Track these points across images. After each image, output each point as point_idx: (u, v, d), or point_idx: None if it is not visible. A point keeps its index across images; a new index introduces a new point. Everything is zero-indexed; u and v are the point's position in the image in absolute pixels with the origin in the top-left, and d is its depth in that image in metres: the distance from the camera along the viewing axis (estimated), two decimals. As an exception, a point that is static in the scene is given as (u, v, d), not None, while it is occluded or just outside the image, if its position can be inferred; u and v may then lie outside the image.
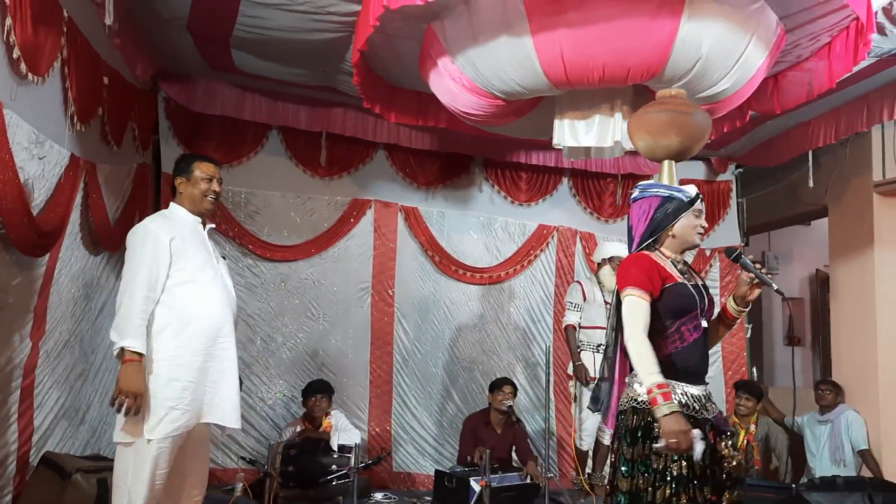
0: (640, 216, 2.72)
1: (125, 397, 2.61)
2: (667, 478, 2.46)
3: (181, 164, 3.09)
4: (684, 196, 2.69)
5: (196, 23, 4.10)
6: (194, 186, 3.02)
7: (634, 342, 2.52)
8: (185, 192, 3.03)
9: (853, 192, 6.10)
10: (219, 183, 3.09)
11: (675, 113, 3.02)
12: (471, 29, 3.39)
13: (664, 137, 3.01)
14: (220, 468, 5.08)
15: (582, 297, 5.19)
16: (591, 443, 5.06)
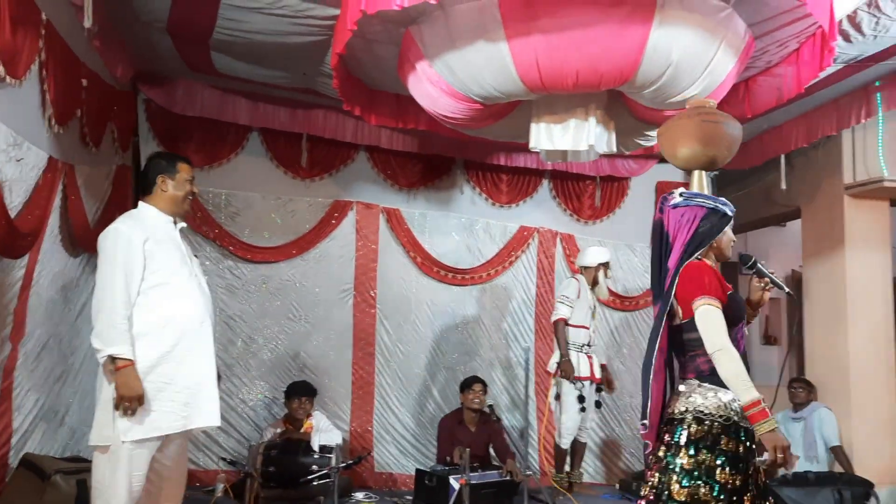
0: (682, 224, 2.68)
1: (128, 402, 2.62)
2: (728, 488, 2.47)
3: (163, 163, 3.02)
4: (729, 210, 2.70)
5: (176, 25, 4.12)
6: (179, 187, 2.98)
7: (727, 352, 2.49)
8: (167, 191, 2.97)
9: (825, 194, 6.23)
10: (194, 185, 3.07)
11: (724, 124, 3.05)
12: (448, 34, 3.44)
13: (713, 147, 3.04)
14: (201, 469, 5.10)
15: (576, 294, 5.21)
16: (571, 441, 5.13)
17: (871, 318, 5.97)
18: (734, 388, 2.50)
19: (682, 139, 3.11)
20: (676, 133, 3.15)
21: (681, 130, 3.14)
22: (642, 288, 6.40)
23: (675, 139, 3.15)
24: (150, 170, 3.02)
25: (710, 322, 2.53)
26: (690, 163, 3.14)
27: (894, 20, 3.87)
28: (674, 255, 2.67)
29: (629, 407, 6.23)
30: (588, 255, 5.39)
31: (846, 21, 3.89)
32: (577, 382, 5.01)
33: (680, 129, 3.15)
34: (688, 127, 3.10)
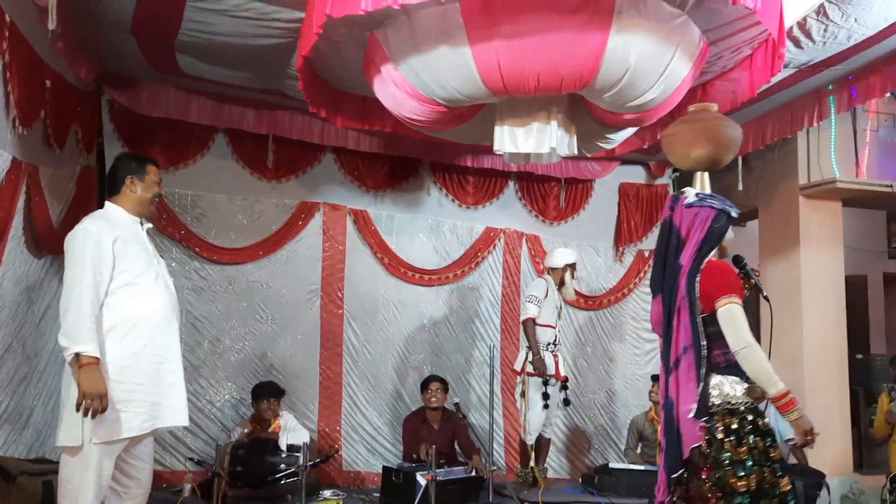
0: (696, 224, 2.81)
1: (90, 400, 2.61)
2: (782, 463, 2.70)
3: (132, 164, 3.04)
4: (735, 211, 2.85)
5: (140, 26, 4.11)
6: (147, 189, 3.00)
7: (753, 348, 2.70)
8: (135, 192, 2.99)
9: (781, 195, 6.45)
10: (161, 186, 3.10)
11: (731, 127, 3.18)
12: (412, 38, 3.51)
13: (724, 149, 3.15)
14: (168, 470, 5.10)
15: (545, 294, 5.31)
16: (536, 437, 5.23)
17: (824, 314, 6.20)
18: (762, 382, 2.71)
19: (696, 141, 3.16)
20: (689, 136, 3.21)
21: (693, 133, 3.19)
22: (606, 287, 6.54)
23: (689, 141, 3.19)
24: (118, 170, 3.03)
25: (735, 319, 2.71)
26: (701, 164, 3.18)
27: (842, 27, 4.04)
28: (687, 253, 2.80)
29: (593, 404, 6.37)
30: (556, 257, 5.50)
31: (796, 28, 4.06)
32: (551, 380, 5.13)
33: (692, 131, 3.21)
34: (701, 130, 3.17)
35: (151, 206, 3.05)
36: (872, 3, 3.82)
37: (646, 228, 6.60)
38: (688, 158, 3.20)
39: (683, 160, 3.26)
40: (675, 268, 2.83)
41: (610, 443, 6.35)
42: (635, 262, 6.59)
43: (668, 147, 3.33)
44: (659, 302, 2.94)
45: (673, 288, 2.83)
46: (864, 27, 4.06)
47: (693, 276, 2.77)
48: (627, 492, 4.91)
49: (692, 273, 2.77)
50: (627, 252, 6.61)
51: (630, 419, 5.93)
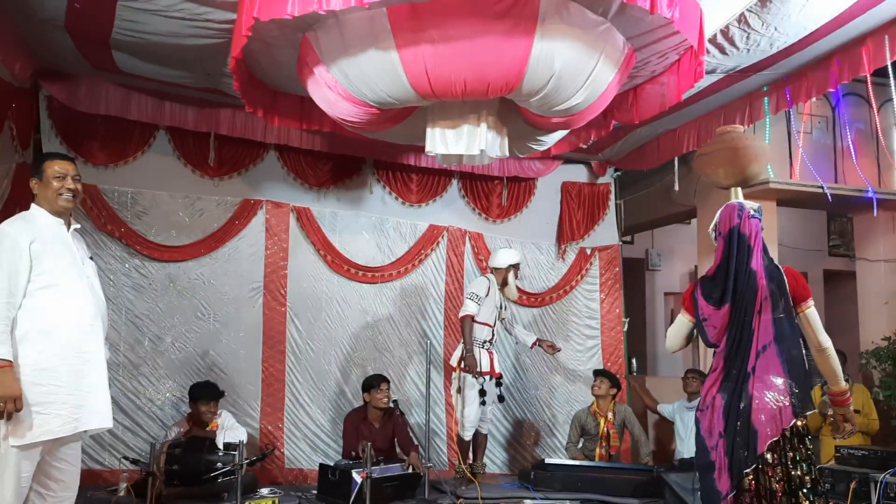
0: (758, 233, 3.19)
1: (3, 403, 2.62)
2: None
3: (33, 166, 3.07)
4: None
5: (73, 24, 4.09)
6: (46, 187, 2.99)
7: (832, 348, 3.12)
8: (39, 193, 3.00)
9: (717, 195, 6.51)
10: (75, 180, 3.04)
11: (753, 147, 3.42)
12: (342, 41, 3.55)
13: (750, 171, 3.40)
14: (106, 469, 5.07)
15: (486, 293, 5.36)
16: (472, 433, 5.33)
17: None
18: (834, 379, 3.11)
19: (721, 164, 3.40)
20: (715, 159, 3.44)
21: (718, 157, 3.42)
22: (549, 285, 6.65)
23: (716, 164, 3.43)
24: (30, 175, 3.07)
25: (818, 321, 3.10)
26: (731, 182, 3.42)
27: (763, 35, 4.19)
28: (757, 259, 3.10)
29: (534, 399, 6.48)
30: (499, 257, 5.57)
31: (720, 35, 4.19)
32: (479, 377, 5.20)
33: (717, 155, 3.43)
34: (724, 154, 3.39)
35: (60, 202, 3.00)
36: (790, 13, 3.96)
37: (587, 226, 6.74)
38: (719, 178, 3.45)
39: (715, 180, 3.49)
40: (750, 273, 3.08)
41: (552, 438, 6.47)
42: (577, 260, 6.72)
43: (700, 169, 3.58)
44: (726, 311, 3.10)
45: (748, 291, 3.06)
46: (785, 35, 4.21)
47: (780, 276, 3.09)
48: (563, 486, 5.03)
49: (776, 274, 3.09)
50: (570, 250, 6.74)
51: (572, 414, 6.06)
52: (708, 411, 3.08)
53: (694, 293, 3.25)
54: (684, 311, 3.33)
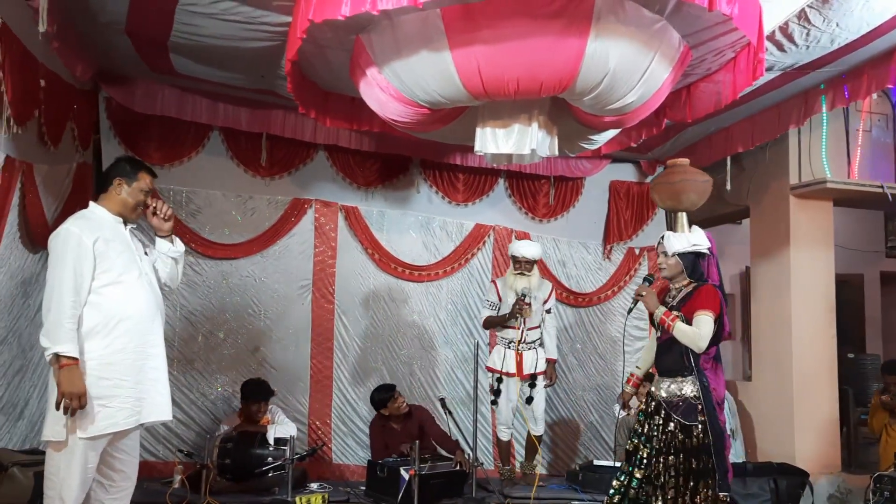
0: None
1: (70, 399, 2.70)
2: None
3: (126, 166, 3.13)
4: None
5: (134, 28, 4.19)
6: (133, 195, 3.09)
7: None
8: (119, 193, 3.07)
9: (772, 195, 6.47)
10: (152, 196, 3.19)
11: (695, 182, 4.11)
12: (395, 42, 3.57)
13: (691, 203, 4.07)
14: (161, 461, 5.21)
15: (497, 297, 5.41)
16: (509, 433, 5.34)
17: (814, 314, 6.22)
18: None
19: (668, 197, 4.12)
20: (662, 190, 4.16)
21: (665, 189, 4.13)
22: (595, 285, 6.59)
23: (663, 197, 4.17)
24: (111, 170, 3.14)
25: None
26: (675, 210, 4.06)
27: (824, 31, 4.07)
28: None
29: (582, 401, 6.43)
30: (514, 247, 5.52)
31: (778, 32, 4.09)
32: (492, 375, 5.26)
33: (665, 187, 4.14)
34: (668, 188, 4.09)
35: (134, 213, 3.12)
36: (853, 8, 3.84)
37: (635, 227, 6.66)
38: (671, 206, 4.14)
39: (666, 206, 4.33)
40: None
41: (599, 440, 6.42)
42: (626, 260, 6.64)
43: (656, 195, 4.24)
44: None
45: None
46: (847, 31, 4.09)
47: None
48: (611, 488, 4.97)
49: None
50: (617, 250, 6.66)
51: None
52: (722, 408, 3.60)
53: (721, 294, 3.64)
54: (711, 311, 3.54)
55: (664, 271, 3.79)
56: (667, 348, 3.68)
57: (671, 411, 3.56)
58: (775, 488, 4.98)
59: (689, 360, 3.56)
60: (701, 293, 3.61)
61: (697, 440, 3.50)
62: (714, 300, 3.57)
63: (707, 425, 3.48)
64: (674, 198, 4.06)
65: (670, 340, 3.65)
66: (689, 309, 3.59)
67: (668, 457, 3.53)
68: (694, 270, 3.72)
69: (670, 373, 3.64)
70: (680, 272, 3.74)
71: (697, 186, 4.11)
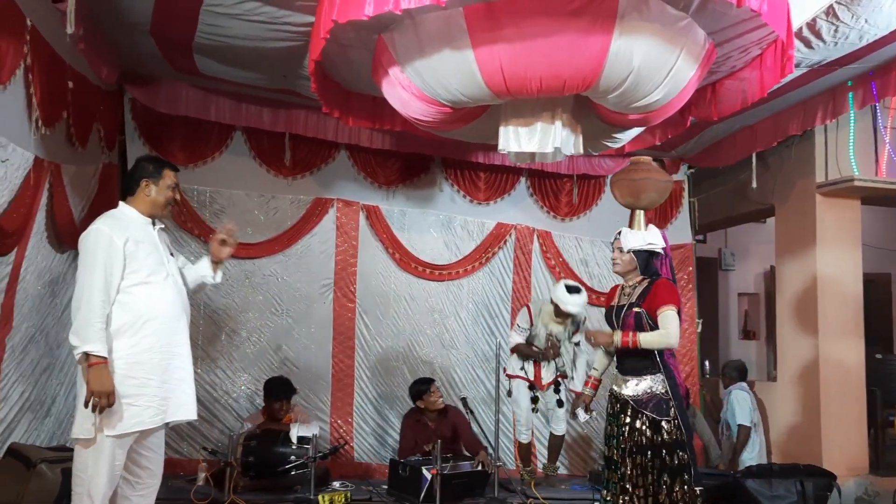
0: None
1: (98, 398, 2.74)
2: None
3: (149, 166, 3.15)
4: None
5: (158, 29, 4.23)
6: (161, 192, 3.12)
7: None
8: (148, 194, 3.10)
9: (798, 193, 6.39)
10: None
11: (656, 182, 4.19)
12: (417, 41, 3.56)
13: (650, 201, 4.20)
14: (185, 458, 5.25)
15: (529, 323, 5.42)
16: (528, 435, 5.34)
17: (842, 314, 6.14)
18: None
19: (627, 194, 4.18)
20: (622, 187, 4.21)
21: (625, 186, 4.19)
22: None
23: (623, 193, 4.21)
24: (135, 171, 3.16)
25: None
26: (646, 208, 4.21)
27: (852, 27, 4.01)
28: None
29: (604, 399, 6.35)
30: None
31: (806, 28, 4.03)
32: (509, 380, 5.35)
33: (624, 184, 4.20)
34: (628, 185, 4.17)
35: (164, 210, 3.17)
36: (882, 4, 3.78)
37: (659, 225, 6.47)
38: (630, 203, 4.20)
39: (625, 202, 4.25)
40: None
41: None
42: (653, 259, 6.58)
43: (616, 190, 4.27)
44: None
45: None
46: (876, 28, 4.02)
47: None
48: (634, 488, 4.94)
49: None
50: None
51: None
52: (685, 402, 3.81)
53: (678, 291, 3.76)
54: (673, 305, 3.59)
55: (617, 266, 3.84)
56: (629, 349, 3.63)
57: (640, 408, 3.55)
58: (802, 490, 4.90)
59: (655, 358, 3.57)
60: (659, 288, 3.64)
61: (669, 436, 3.48)
62: (674, 293, 3.64)
63: (679, 420, 3.49)
64: (633, 195, 4.12)
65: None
66: (649, 304, 3.61)
67: (637, 456, 3.52)
68: (647, 268, 3.75)
69: (635, 371, 3.62)
70: (633, 269, 3.78)
71: (659, 186, 4.16)
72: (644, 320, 3.62)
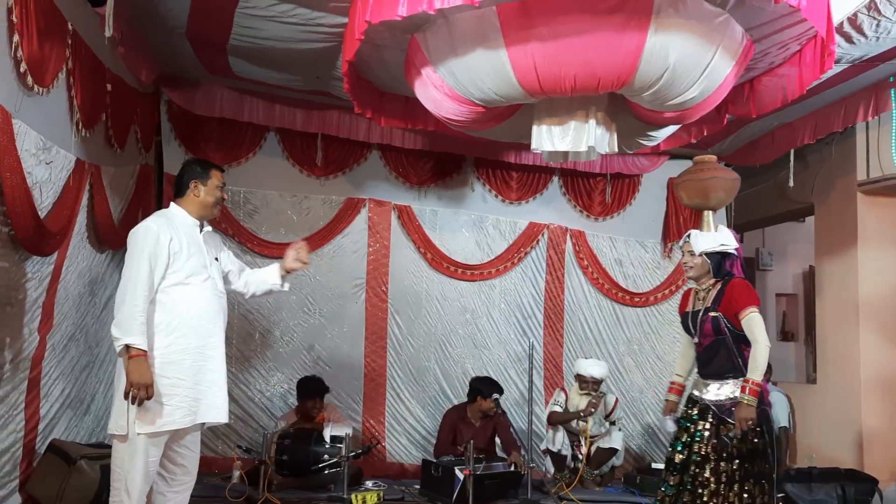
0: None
1: (137, 389, 2.78)
2: None
3: (197, 168, 3.23)
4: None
5: (194, 32, 4.29)
6: (210, 193, 3.18)
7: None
8: (199, 196, 3.17)
9: (838, 192, 6.24)
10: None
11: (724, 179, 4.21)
12: (450, 41, 3.56)
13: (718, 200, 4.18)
14: (220, 457, 5.32)
15: (565, 400, 5.49)
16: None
17: (883, 315, 5.98)
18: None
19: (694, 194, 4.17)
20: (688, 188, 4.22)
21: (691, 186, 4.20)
22: (653, 284, 6.47)
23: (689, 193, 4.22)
24: (184, 174, 3.23)
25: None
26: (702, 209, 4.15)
27: (895, 22, 3.91)
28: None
29: (639, 402, 6.32)
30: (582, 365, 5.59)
31: (847, 23, 3.93)
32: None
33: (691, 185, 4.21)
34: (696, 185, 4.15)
35: (214, 210, 3.24)
36: (927, -3, 3.68)
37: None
38: (698, 203, 4.16)
39: (693, 204, 4.24)
40: None
41: (657, 442, 6.30)
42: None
43: (682, 191, 4.27)
44: None
45: None
46: (920, 21, 3.91)
47: None
48: (669, 492, 4.87)
49: None
50: (676, 248, 6.52)
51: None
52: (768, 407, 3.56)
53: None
54: (753, 306, 3.48)
55: (690, 271, 3.72)
56: (712, 352, 3.57)
57: (722, 414, 3.45)
58: (843, 495, 4.80)
59: (737, 361, 3.49)
60: (734, 289, 3.54)
61: (751, 443, 3.38)
62: (750, 293, 3.53)
63: (763, 427, 3.39)
64: (701, 195, 4.06)
65: (715, 344, 3.56)
66: (726, 308, 3.52)
67: (717, 463, 3.41)
68: (719, 270, 3.64)
69: (718, 375, 3.53)
70: (706, 272, 3.67)
71: (727, 184, 4.08)
72: (722, 324, 3.52)
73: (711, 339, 3.56)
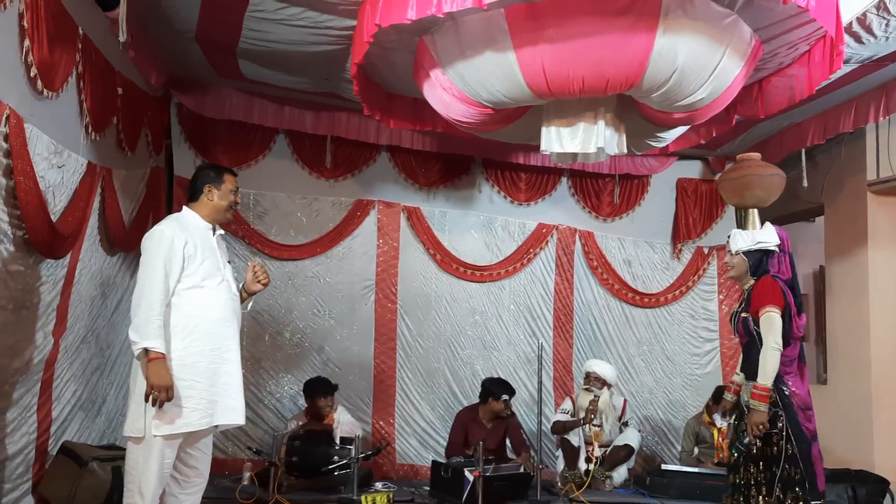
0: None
1: (157, 392, 2.80)
2: None
3: (211, 172, 3.25)
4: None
5: (203, 35, 4.32)
6: (224, 197, 3.20)
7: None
8: (212, 200, 3.18)
9: (848, 191, 6.21)
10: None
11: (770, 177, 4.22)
12: (458, 43, 3.57)
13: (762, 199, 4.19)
14: (230, 458, 5.34)
15: (571, 407, 5.51)
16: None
17: (894, 315, 5.95)
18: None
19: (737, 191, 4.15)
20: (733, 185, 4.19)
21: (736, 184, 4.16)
22: (662, 285, 6.45)
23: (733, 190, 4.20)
24: (198, 178, 3.25)
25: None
26: (747, 206, 4.11)
27: (905, 22, 3.89)
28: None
29: (649, 403, 6.31)
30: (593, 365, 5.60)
31: (856, 23, 3.92)
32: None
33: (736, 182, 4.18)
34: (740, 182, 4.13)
35: (227, 214, 3.25)
36: (937, -4, 3.66)
37: (704, 225, 6.49)
38: (736, 202, 4.20)
39: (732, 203, 4.33)
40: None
41: (667, 443, 6.29)
42: (694, 260, 6.48)
43: (722, 191, 4.30)
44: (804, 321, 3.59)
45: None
46: (930, 21, 3.89)
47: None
48: (680, 494, 4.88)
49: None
50: (685, 249, 6.51)
51: (686, 421, 5.87)
52: (811, 412, 3.43)
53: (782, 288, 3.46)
54: (771, 305, 3.40)
55: (731, 271, 3.70)
56: (746, 352, 3.57)
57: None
58: (853, 495, 4.78)
59: None
60: (756, 288, 3.50)
61: (777, 449, 3.34)
62: (772, 291, 3.42)
63: (789, 433, 3.32)
64: (737, 194, 4.02)
65: (748, 345, 3.55)
66: (754, 307, 3.49)
67: (751, 465, 3.43)
68: (758, 269, 3.58)
69: (751, 376, 3.49)
70: (745, 271, 3.62)
71: (764, 182, 4.02)
72: (750, 325, 3.50)
73: (745, 339, 3.56)
